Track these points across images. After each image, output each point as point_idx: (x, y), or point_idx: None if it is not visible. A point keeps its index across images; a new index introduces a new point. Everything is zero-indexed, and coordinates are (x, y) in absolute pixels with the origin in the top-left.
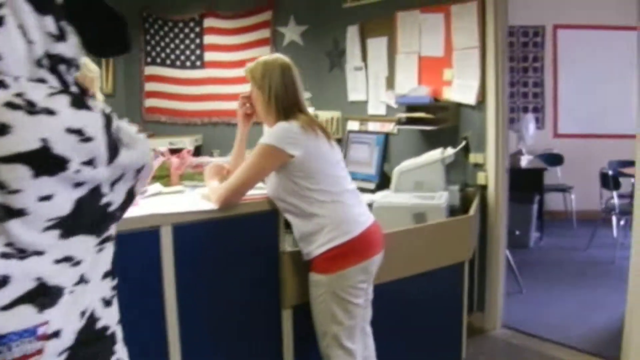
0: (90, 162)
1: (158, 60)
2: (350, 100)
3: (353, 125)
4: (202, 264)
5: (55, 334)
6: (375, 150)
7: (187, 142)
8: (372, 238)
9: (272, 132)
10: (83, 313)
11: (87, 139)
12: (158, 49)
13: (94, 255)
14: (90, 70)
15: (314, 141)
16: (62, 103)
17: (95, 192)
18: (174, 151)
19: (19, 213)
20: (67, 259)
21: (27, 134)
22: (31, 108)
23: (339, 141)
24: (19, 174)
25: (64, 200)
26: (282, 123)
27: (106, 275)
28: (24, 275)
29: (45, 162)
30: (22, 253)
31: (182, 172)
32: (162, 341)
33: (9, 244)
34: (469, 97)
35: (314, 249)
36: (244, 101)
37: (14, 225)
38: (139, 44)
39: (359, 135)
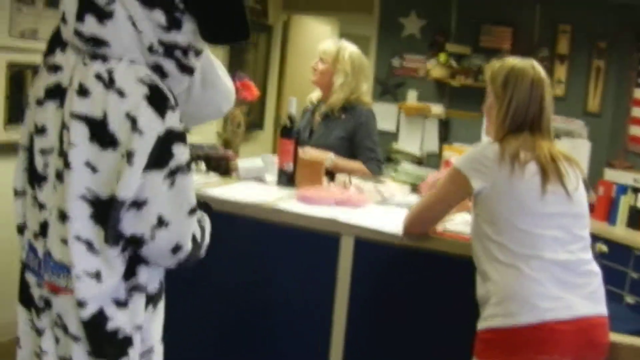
0: (128, 156)
1: None
2: None
3: None
4: (381, 290)
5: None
6: None
7: None
8: (554, 340)
9: (465, 153)
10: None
11: (138, 131)
12: None
13: (114, 253)
14: None
15: (508, 176)
16: (138, 92)
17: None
18: None
19: (67, 165)
20: (89, 243)
21: (96, 102)
22: (109, 84)
23: None
24: (80, 131)
25: (105, 181)
26: (482, 143)
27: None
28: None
29: (101, 132)
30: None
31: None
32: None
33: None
34: None
35: (479, 320)
36: None
37: (65, 176)
38: (630, 62)
39: None
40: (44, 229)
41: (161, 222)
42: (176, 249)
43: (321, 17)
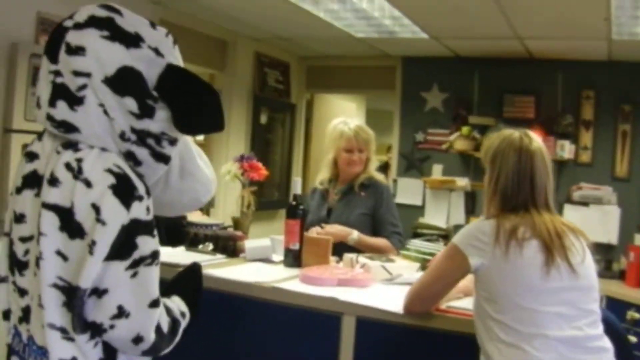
0: (91, 245)
1: None
2: None
3: None
4: None
5: None
6: None
7: None
8: None
9: (463, 229)
10: None
11: (100, 222)
12: None
13: (84, 339)
14: None
15: (505, 253)
16: (104, 182)
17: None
18: None
19: (40, 254)
20: (63, 330)
21: (65, 192)
22: (78, 174)
23: None
24: (50, 220)
25: (75, 270)
26: (478, 220)
27: None
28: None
29: (69, 222)
30: (23, 295)
31: None
32: None
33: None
34: None
35: None
36: None
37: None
38: None
39: None
40: (26, 314)
41: (121, 313)
42: (137, 339)
43: (344, 95)
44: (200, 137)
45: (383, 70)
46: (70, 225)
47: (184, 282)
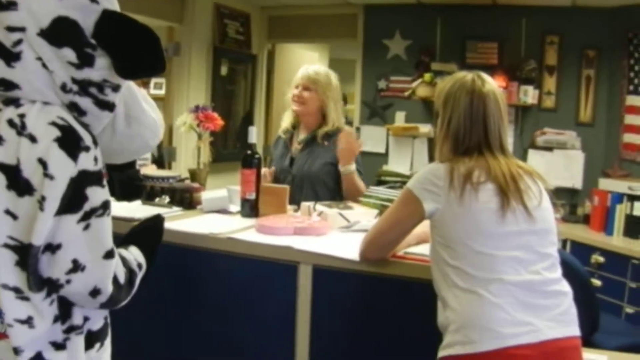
0: (41, 200)
1: None
2: None
3: None
4: (343, 319)
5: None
6: None
7: None
8: None
9: (417, 174)
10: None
11: (49, 176)
12: None
13: (40, 298)
14: None
15: (460, 197)
16: (49, 135)
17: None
18: None
19: None
20: (17, 290)
21: (10, 149)
22: (21, 130)
23: None
24: None
25: (25, 228)
26: (432, 164)
27: (55, 319)
28: None
29: (16, 180)
30: None
31: None
32: None
33: None
34: None
35: (439, 349)
36: None
37: None
38: (621, 69)
39: None
40: None
41: (77, 266)
42: (95, 292)
43: (307, 44)
44: (162, 91)
45: (345, 19)
46: (17, 182)
47: (142, 232)
